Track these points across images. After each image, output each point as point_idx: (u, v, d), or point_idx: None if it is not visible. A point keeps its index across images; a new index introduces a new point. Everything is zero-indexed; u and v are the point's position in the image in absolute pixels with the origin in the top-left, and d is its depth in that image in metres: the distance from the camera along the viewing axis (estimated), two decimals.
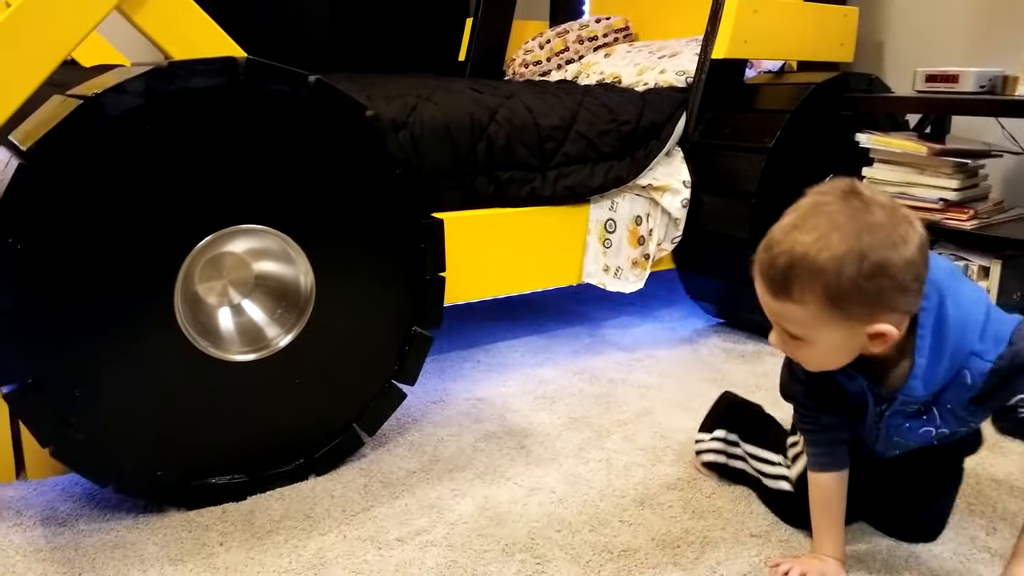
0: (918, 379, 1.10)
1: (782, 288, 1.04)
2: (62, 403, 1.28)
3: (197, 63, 1.29)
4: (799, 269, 1.02)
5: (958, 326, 1.08)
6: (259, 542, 1.32)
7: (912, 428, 1.19)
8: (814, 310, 1.03)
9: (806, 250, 1.01)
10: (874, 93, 2.29)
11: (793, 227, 1.04)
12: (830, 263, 1.00)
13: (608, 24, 3.17)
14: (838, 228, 1.00)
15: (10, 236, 1.19)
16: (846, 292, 1.01)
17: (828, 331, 1.05)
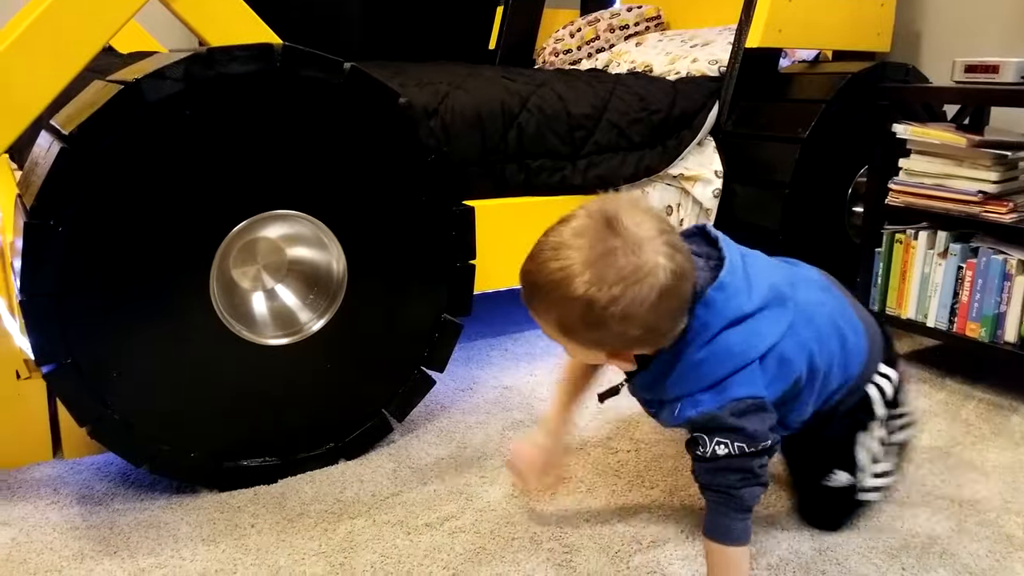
0: (645, 382, 1.16)
1: (528, 301, 1.07)
2: (100, 384, 1.30)
3: (235, 49, 1.29)
4: (540, 294, 1.04)
5: (703, 363, 1.10)
6: (290, 524, 1.34)
7: (653, 406, 1.21)
8: (552, 330, 1.07)
9: (550, 279, 1.02)
10: (911, 83, 2.26)
11: (553, 248, 1.03)
12: (563, 303, 1.02)
13: (640, 13, 3.15)
14: (586, 267, 1.00)
15: (52, 219, 1.21)
16: (574, 328, 1.04)
17: (569, 344, 1.09)
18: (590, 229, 1.02)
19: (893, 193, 1.99)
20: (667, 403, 1.15)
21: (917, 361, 2.12)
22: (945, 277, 1.92)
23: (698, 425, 1.12)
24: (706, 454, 1.11)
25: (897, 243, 2.01)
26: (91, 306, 1.27)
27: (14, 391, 1.46)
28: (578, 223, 1.03)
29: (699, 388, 1.11)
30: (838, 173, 2.24)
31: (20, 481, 1.45)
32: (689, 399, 1.12)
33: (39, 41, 1.33)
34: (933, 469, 1.55)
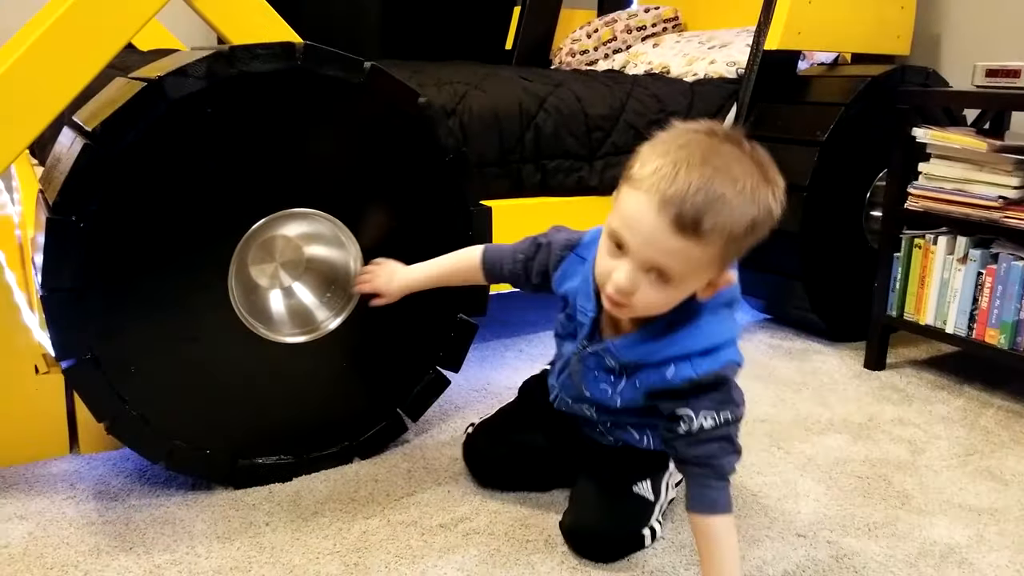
0: (633, 342, 1.17)
1: (694, 224, 0.99)
2: (118, 379, 1.30)
3: (257, 47, 1.30)
4: (714, 198, 0.98)
5: (688, 334, 1.14)
6: (304, 523, 1.34)
7: (596, 378, 1.25)
8: (712, 252, 1.02)
9: (718, 178, 0.99)
10: (931, 87, 2.24)
11: (703, 165, 0.99)
12: (742, 196, 0.99)
13: (657, 14, 3.14)
14: (746, 177, 1.00)
15: (74, 215, 1.21)
16: (740, 240, 1.02)
17: (702, 275, 1.07)
18: (725, 148, 1.01)
19: (912, 197, 1.97)
20: (646, 368, 1.17)
21: (935, 368, 2.11)
22: (964, 283, 1.90)
23: (694, 386, 1.13)
24: (691, 429, 1.13)
25: (916, 248, 2.00)
26: (111, 302, 1.28)
27: (33, 386, 1.46)
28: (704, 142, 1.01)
29: (696, 351, 1.13)
30: (856, 177, 2.23)
31: (37, 476, 1.45)
32: (685, 361, 1.13)
33: (62, 38, 1.34)
34: (952, 477, 1.54)
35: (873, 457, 1.61)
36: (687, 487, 1.15)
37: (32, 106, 1.33)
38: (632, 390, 1.22)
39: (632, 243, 1.04)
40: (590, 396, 1.28)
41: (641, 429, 1.32)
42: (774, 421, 1.75)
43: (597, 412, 1.32)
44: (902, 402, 1.88)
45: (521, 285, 1.38)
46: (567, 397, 1.36)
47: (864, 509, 1.42)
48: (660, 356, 1.15)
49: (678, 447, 1.16)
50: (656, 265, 1.04)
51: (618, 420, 1.32)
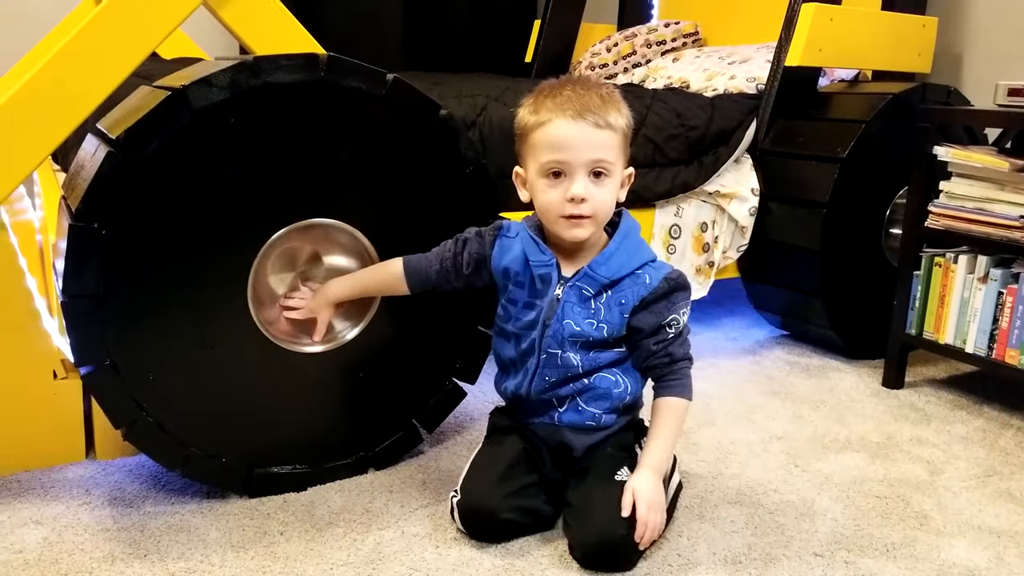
0: (606, 258, 1.33)
1: (603, 119, 1.27)
2: (136, 386, 1.31)
3: (281, 58, 1.30)
4: (607, 104, 1.28)
5: (640, 244, 1.37)
6: (319, 533, 1.34)
7: (580, 313, 1.34)
8: (619, 139, 1.29)
9: (601, 94, 1.30)
10: (953, 106, 2.23)
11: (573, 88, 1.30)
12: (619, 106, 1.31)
13: (677, 29, 3.14)
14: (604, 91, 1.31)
15: (96, 221, 1.22)
16: (627, 134, 1.32)
17: (619, 167, 1.31)
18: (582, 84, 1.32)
19: (933, 216, 1.96)
20: (625, 281, 1.33)
21: (954, 387, 2.09)
22: (985, 302, 1.89)
23: (671, 286, 1.33)
24: (679, 327, 1.35)
25: (936, 266, 1.98)
26: (131, 309, 1.28)
27: (50, 391, 1.47)
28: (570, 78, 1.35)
29: (649, 260, 1.35)
30: (877, 194, 2.21)
31: (53, 481, 1.46)
32: (650, 267, 1.34)
33: (88, 47, 1.34)
34: (971, 498, 1.52)
35: (891, 477, 1.59)
36: (665, 382, 1.34)
37: (57, 113, 1.34)
38: (614, 312, 1.33)
39: (571, 157, 1.27)
40: (579, 331, 1.33)
41: (617, 368, 1.37)
42: (791, 438, 1.74)
43: (581, 356, 1.35)
44: (920, 421, 1.86)
45: (449, 283, 1.45)
46: (546, 374, 1.37)
47: (882, 529, 1.41)
48: (632, 266, 1.33)
49: (673, 351, 1.34)
50: (596, 161, 1.28)
51: (597, 361, 1.36)
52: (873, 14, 2.37)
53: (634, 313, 1.33)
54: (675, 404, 1.33)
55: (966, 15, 2.59)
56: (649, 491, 1.27)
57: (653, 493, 1.27)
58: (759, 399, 1.96)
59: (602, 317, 1.34)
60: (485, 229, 1.44)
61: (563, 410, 1.38)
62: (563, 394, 1.38)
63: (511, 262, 1.39)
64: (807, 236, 2.16)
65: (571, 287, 1.34)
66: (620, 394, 1.38)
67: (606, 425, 1.38)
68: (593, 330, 1.34)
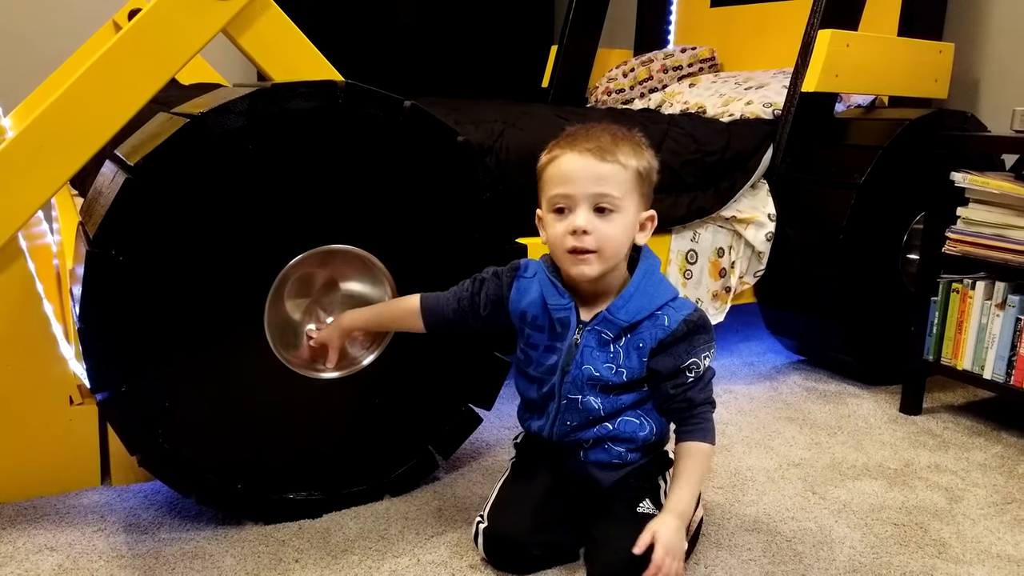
0: (625, 301, 1.31)
1: (611, 153, 1.26)
2: (152, 413, 1.31)
3: (299, 85, 1.31)
4: (626, 144, 1.28)
5: (660, 283, 1.34)
6: (334, 560, 1.33)
7: (600, 358, 1.32)
8: (630, 176, 1.27)
9: (629, 136, 1.31)
10: (970, 132, 2.23)
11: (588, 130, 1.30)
12: (636, 148, 1.30)
13: (694, 54, 3.15)
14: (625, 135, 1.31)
15: (113, 248, 1.23)
16: (645, 177, 1.30)
17: (631, 204, 1.28)
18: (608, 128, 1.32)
19: (951, 242, 1.95)
20: (644, 324, 1.31)
21: (972, 413, 2.07)
22: (1003, 328, 1.87)
23: (690, 327, 1.30)
24: (700, 371, 1.31)
25: (954, 292, 1.97)
26: (147, 335, 1.29)
27: (66, 417, 1.48)
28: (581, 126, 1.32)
29: (669, 300, 1.32)
30: (894, 220, 2.21)
31: (68, 507, 1.46)
32: (670, 308, 1.31)
33: (108, 73, 1.36)
34: (990, 526, 1.50)
35: (909, 504, 1.58)
36: (687, 426, 1.32)
37: (76, 139, 1.35)
38: (632, 357, 1.32)
39: (575, 190, 1.26)
40: (598, 376, 1.32)
41: (639, 410, 1.36)
42: (808, 465, 1.72)
43: (602, 400, 1.33)
44: (938, 448, 1.85)
45: (467, 323, 1.44)
46: (567, 419, 1.35)
47: (900, 557, 1.39)
48: (651, 308, 1.31)
49: (692, 396, 1.31)
50: (599, 195, 1.25)
51: (618, 404, 1.34)
52: (890, 40, 2.37)
53: (652, 356, 1.31)
54: (697, 449, 1.30)
55: (983, 41, 2.58)
56: (668, 536, 1.23)
57: (672, 539, 1.23)
58: (776, 425, 1.94)
59: (621, 361, 1.32)
60: (502, 269, 1.42)
61: (588, 449, 1.37)
62: (586, 438, 1.36)
63: (529, 305, 1.37)
64: (824, 261, 2.15)
65: (589, 331, 1.32)
66: (645, 436, 1.36)
67: (632, 462, 1.37)
68: (612, 375, 1.32)
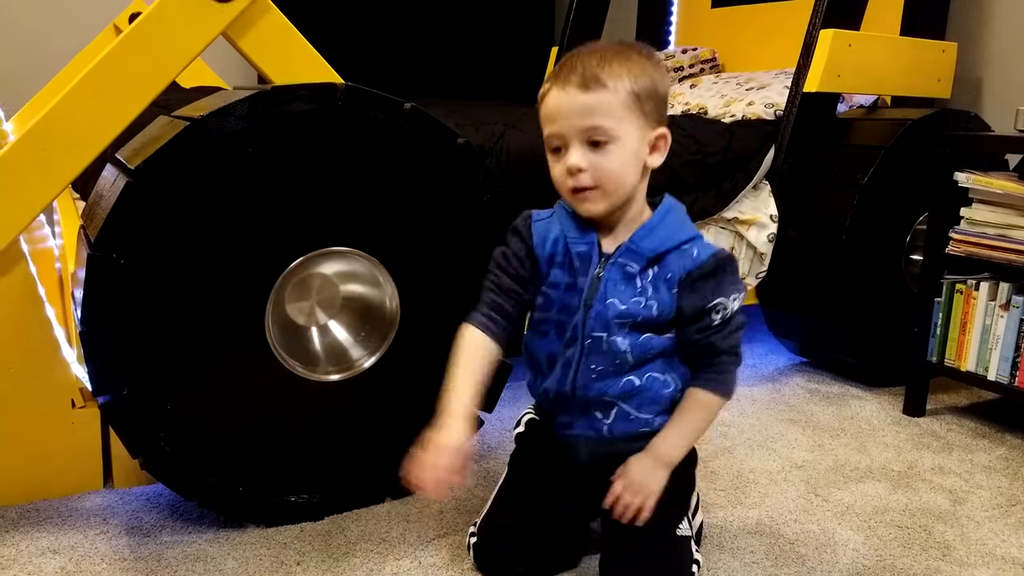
0: (648, 230, 1.22)
1: (594, 79, 1.14)
2: (154, 416, 1.31)
3: (299, 88, 1.31)
4: (606, 64, 1.15)
5: (684, 220, 1.26)
6: (335, 563, 1.33)
7: (626, 292, 1.22)
8: (623, 99, 1.15)
9: (604, 55, 1.16)
10: (973, 131, 2.22)
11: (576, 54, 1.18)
12: (629, 63, 1.16)
13: (695, 55, 3.14)
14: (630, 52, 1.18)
15: (114, 251, 1.23)
16: (649, 94, 1.17)
17: (631, 128, 1.16)
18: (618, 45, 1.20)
19: (954, 242, 1.95)
20: (671, 255, 1.21)
21: (976, 415, 2.06)
22: (1007, 329, 1.87)
23: (718, 263, 1.21)
24: (728, 314, 1.21)
25: (957, 293, 1.97)
26: (149, 339, 1.29)
27: (69, 420, 1.48)
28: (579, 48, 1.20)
29: (697, 236, 1.23)
30: (896, 220, 2.20)
31: (71, 510, 1.46)
32: (698, 241, 1.22)
33: (108, 76, 1.36)
34: (994, 528, 1.50)
35: (913, 506, 1.57)
36: (702, 374, 1.24)
37: (76, 142, 1.35)
38: (662, 290, 1.21)
39: (563, 126, 1.17)
40: (625, 310, 1.21)
41: (665, 362, 1.25)
42: (811, 467, 1.72)
43: (631, 340, 1.22)
44: (942, 450, 1.84)
45: (521, 302, 1.29)
46: (592, 362, 1.24)
47: (904, 560, 1.39)
48: (677, 239, 1.22)
49: (716, 342, 1.22)
50: (588, 128, 1.15)
51: (648, 348, 1.23)
52: (892, 40, 2.37)
53: (680, 290, 1.21)
54: (703, 397, 1.22)
55: (986, 40, 2.58)
56: (634, 472, 1.20)
57: (638, 476, 1.20)
58: (778, 427, 1.94)
59: (651, 294, 1.21)
60: (513, 225, 1.32)
61: (610, 420, 1.25)
62: (610, 393, 1.24)
63: (552, 245, 1.26)
64: (826, 263, 2.15)
65: (613, 264, 1.22)
66: (670, 394, 1.25)
67: (657, 428, 1.25)
68: (642, 308, 1.21)
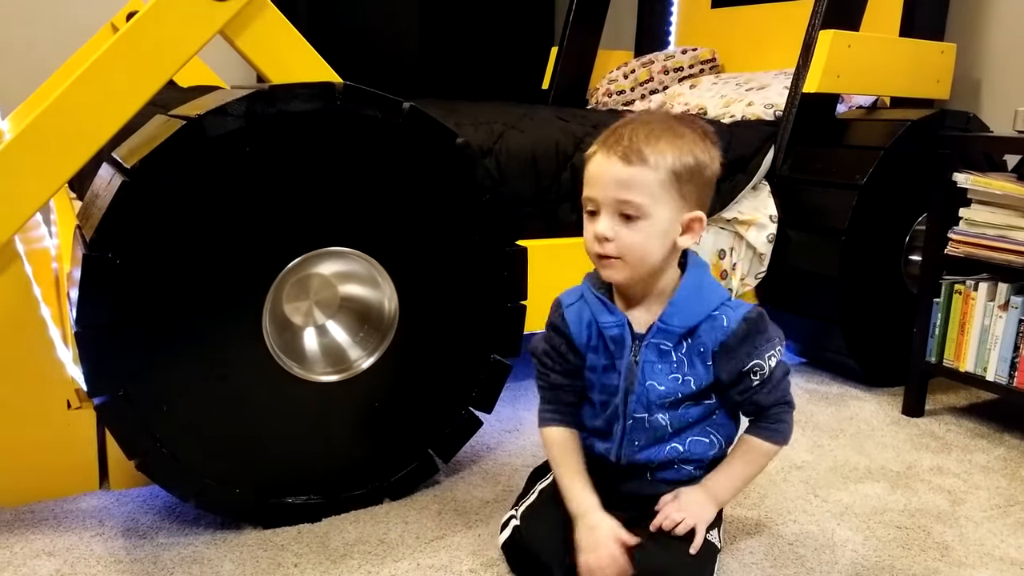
0: (678, 308, 1.23)
1: (637, 153, 1.16)
2: (150, 417, 1.30)
3: (297, 87, 1.31)
4: (653, 139, 1.17)
5: (712, 285, 1.26)
6: (333, 565, 1.32)
7: (663, 371, 1.25)
8: (663, 179, 1.16)
9: (666, 128, 1.19)
10: (972, 132, 2.22)
11: (629, 123, 1.20)
12: (678, 142, 1.18)
13: (694, 55, 3.14)
14: (679, 127, 1.20)
15: (110, 251, 1.22)
16: (691, 175, 1.18)
17: (666, 209, 1.18)
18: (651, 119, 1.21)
19: (953, 243, 1.94)
20: (702, 328, 1.23)
21: (975, 415, 2.06)
22: (1006, 330, 1.86)
23: (751, 325, 1.22)
24: (766, 373, 1.24)
25: (956, 294, 1.96)
26: (145, 339, 1.28)
27: (64, 421, 1.47)
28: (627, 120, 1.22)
29: (725, 300, 1.24)
30: (895, 221, 2.20)
31: (67, 511, 1.45)
32: (726, 308, 1.23)
33: (104, 75, 1.35)
34: (993, 528, 1.49)
35: (912, 507, 1.57)
36: (755, 425, 1.28)
37: (73, 140, 1.34)
38: (696, 364, 1.25)
39: (598, 193, 1.18)
40: (663, 391, 1.24)
41: (708, 427, 1.30)
42: (811, 468, 1.71)
43: (670, 416, 1.26)
44: (941, 450, 1.84)
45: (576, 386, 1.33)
46: (635, 438, 1.28)
47: (903, 560, 1.38)
48: (706, 310, 1.23)
49: (760, 400, 1.25)
50: (621, 201, 1.17)
51: (686, 418, 1.27)
52: (891, 40, 2.36)
53: (715, 360, 1.24)
54: (757, 445, 1.27)
55: (985, 41, 2.57)
56: (687, 497, 1.25)
57: (690, 501, 1.25)
58: None
59: (686, 370, 1.25)
60: (549, 322, 1.34)
61: (656, 471, 1.31)
62: (655, 460, 1.29)
63: (584, 328, 1.29)
64: (826, 263, 2.14)
65: (647, 346, 1.24)
66: (715, 454, 1.31)
67: (699, 477, 1.32)
68: (679, 385, 1.25)
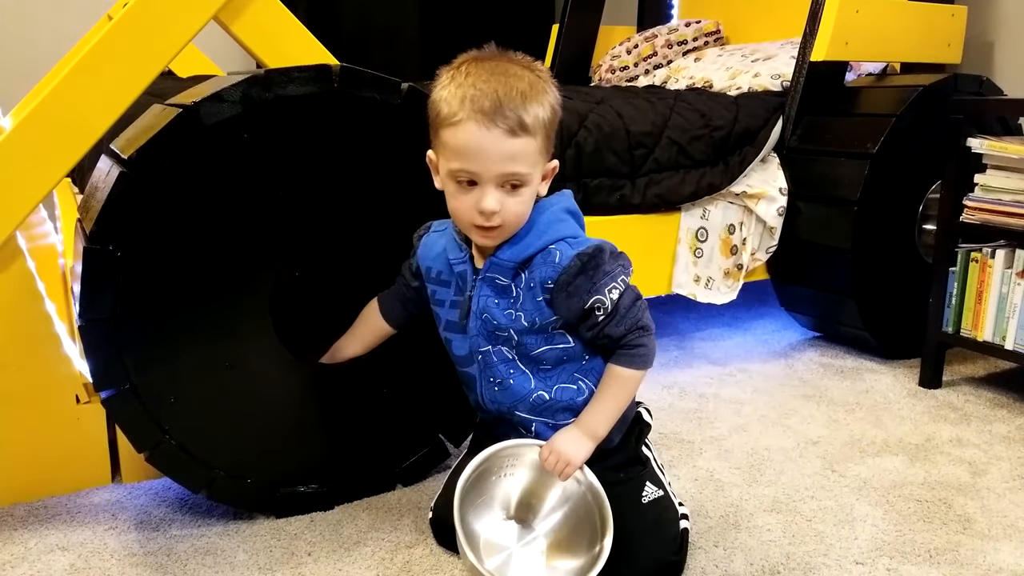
0: (513, 241, 1.21)
1: (520, 124, 1.13)
2: (158, 409, 1.29)
3: (293, 70, 1.29)
4: (522, 100, 1.13)
5: (557, 218, 1.23)
6: (347, 553, 1.31)
7: (500, 306, 1.24)
8: (539, 142, 1.16)
9: (515, 85, 1.14)
10: (985, 96, 2.18)
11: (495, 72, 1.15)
12: (538, 96, 1.15)
13: (698, 28, 3.10)
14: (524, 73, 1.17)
15: (111, 243, 1.21)
16: (551, 125, 1.17)
17: (538, 168, 1.19)
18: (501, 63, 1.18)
19: (968, 210, 1.91)
20: (535, 261, 1.21)
21: (994, 385, 2.03)
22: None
23: (584, 262, 1.18)
24: (609, 307, 1.19)
25: (973, 262, 1.93)
26: (149, 331, 1.27)
27: (74, 415, 1.46)
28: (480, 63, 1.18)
29: (567, 235, 1.21)
30: (909, 189, 2.17)
31: (79, 506, 1.45)
32: (562, 243, 1.20)
33: (99, 66, 1.34)
34: (1015, 500, 1.48)
35: (932, 479, 1.55)
36: (615, 356, 1.24)
37: (70, 133, 1.33)
38: (531, 300, 1.22)
39: (482, 167, 1.14)
40: (496, 323, 1.24)
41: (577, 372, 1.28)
42: (827, 443, 1.70)
43: (518, 353, 1.26)
44: (960, 422, 1.81)
45: (418, 304, 1.39)
46: (490, 376, 1.28)
47: (924, 534, 1.37)
48: (540, 243, 1.21)
49: (611, 332, 1.21)
50: (509, 175, 1.15)
51: (540, 358, 1.26)
52: (900, 4, 2.32)
53: (553, 298, 1.21)
54: (619, 373, 1.23)
55: (996, 3, 2.53)
56: (559, 441, 1.23)
57: (563, 444, 1.23)
58: (793, 403, 1.91)
59: (520, 304, 1.23)
60: (420, 230, 1.38)
61: (533, 431, 1.28)
62: (521, 407, 1.28)
63: (434, 260, 1.32)
64: (838, 235, 2.11)
65: (483, 279, 1.24)
66: (585, 399, 1.27)
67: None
68: (511, 321, 1.23)
